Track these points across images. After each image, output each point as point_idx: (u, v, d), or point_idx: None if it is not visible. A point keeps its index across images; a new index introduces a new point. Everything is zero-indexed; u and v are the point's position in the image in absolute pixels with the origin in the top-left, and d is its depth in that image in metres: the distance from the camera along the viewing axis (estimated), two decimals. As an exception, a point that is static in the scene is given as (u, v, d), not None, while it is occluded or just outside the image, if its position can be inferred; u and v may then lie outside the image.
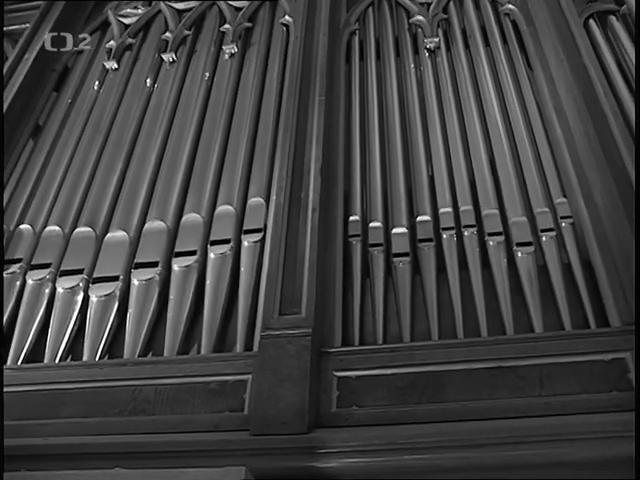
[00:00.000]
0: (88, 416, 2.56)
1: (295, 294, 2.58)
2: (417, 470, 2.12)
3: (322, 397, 2.39)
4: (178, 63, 4.05)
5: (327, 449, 2.16)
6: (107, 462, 2.17)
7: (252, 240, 2.92)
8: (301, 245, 2.72)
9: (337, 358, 2.47)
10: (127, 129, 3.72)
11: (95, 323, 2.86)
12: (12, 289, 3.09)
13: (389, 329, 2.65)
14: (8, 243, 3.31)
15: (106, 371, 2.66)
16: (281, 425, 2.26)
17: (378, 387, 2.39)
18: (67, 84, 4.22)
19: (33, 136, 3.99)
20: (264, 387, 2.36)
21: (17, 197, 3.57)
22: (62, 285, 3.01)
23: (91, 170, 3.56)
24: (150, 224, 3.13)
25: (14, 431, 2.55)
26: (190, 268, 2.89)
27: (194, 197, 3.21)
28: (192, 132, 3.56)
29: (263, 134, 3.41)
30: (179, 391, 2.53)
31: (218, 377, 2.52)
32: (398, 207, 2.97)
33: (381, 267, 2.77)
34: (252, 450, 2.20)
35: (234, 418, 2.41)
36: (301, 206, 2.85)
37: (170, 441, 2.33)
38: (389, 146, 3.27)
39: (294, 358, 2.39)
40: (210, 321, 2.74)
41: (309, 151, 3.05)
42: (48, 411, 2.61)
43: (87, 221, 3.27)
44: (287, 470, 2.15)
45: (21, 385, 2.71)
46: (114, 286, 2.93)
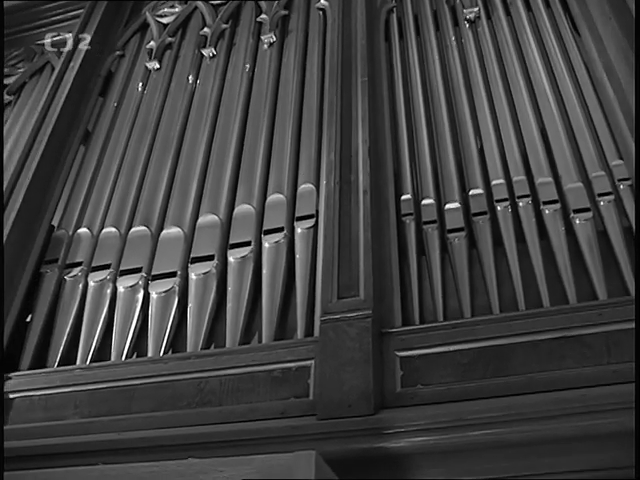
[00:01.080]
0: (157, 410, 2.61)
1: (352, 277, 2.57)
2: (486, 445, 2.10)
3: (386, 378, 2.38)
4: (218, 57, 4.07)
5: (394, 429, 2.15)
6: (179, 453, 2.20)
7: (305, 227, 2.92)
8: (355, 228, 2.71)
9: (398, 338, 2.46)
10: (174, 127, 3.76)
11: (157, 319, 2.91)
12: (75, 292, 3.18)
13: (449, 306, 2.62)
14: (68, 248, 3.39)
15: (171, 365, 2.71)
16: (347, 408, 2.26)
17: (441, 364, 2.37)
18: (112, 88, 4.28)
19: (83, 142, 4.06)
20: (327, 371, 2.37)
21: (73, 202, 3.65)
22: (123, 284, 3.07)
23: (142, 170, 3.62)
24: (203, 218, 3.17)
25: (88, 428, 2.64)
26: (246, 259, 2.92)
27: (244, 188, 3.23)
28: (237, 124, 3.58)
29: (308, 120, 3.40)
30: (243, 381, 2.56)
31: (281, 364, 2.54)
32: (449, 182, 2.92)
33: (436, 244, 2.74)
34: (320, 434, 2.22)
35: (300, 404, 2.42)
36: (352, 189, 2.84)
37: (238, 430, 2.37)
38: (435, 121, 3.22)
39: (355, 341, 2.39)
40: (269, 310, 2.76)
41: (356, 133, 3.02)
42: (119, 407, 2.68)
43: (142, 220, 3.33)
44: (356, 452, 2.16)
45: (91, 384, 2.79)
46: (173, 282, 2.98)
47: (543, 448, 2.06)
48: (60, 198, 3.73)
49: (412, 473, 2.14)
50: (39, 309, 3.19)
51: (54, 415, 2.76)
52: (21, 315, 3.27)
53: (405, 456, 2.14)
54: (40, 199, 3.65)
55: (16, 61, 4.98)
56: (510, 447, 2.08)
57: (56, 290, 3.23)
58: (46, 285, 3.26)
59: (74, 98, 4.13)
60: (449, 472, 2.12)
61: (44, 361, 3.02)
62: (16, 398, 2.86)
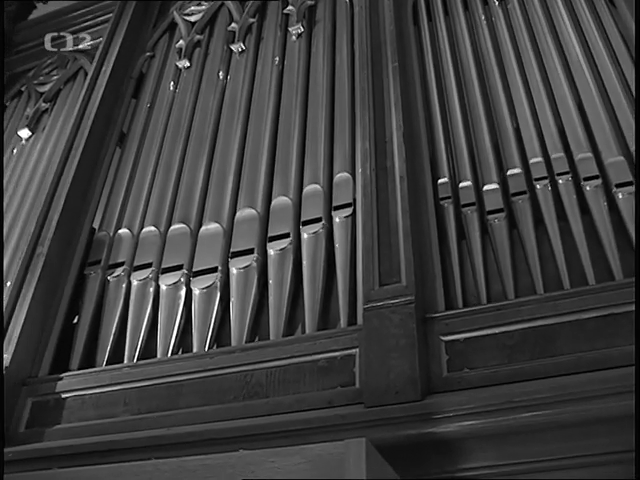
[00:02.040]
0: (205, 404, 2.64)
1: (393, 263, 2.56)
2: (536, 427, 2.07)
3: (432, 363, 2.37)
4: (247, 52, 4.08)
5: (443, 414, 2.14)
6: (228, 446, 2.22)
7: (343, 215, 2.92)
8: (393, 214, 2.69)
9: (442, 322, 2.44)
10: (207, 123, 3.78)
11: (200, 315, 2.94)
12: (119, 291, 3.23)
13: (492, 288, 2.60)
14: (110, 249, 3.45)
15: (217, 360, 2.74)
16: (394, 395, 2.26)
17: (487, 347, 2.34)
18: (144, 89, 4.32)
19: (119, 144, 4.12)
20: (373, 359, 2.37)
21: (112, 204, 3.70)
22: (165, 282, 3.11)
23: (178, 168, 3.66)
24: (241, 213, 3.19)
25: (138, 424, 2.68)
26: (285, 251, 2.93)
27: (281, 180, 3.24)
28: (270, 117, 3.58)
29: (340, 109, 3.39)
30: (289, 372, 2.57)
31: (326, 354, 2.54)
32: (486, 163, 2.88)
33: (476, 226, 2.71)
34: (368, 422, 2.22)
35: (346, 392, 2.42)
36: (388, 175, 2.82)
37: (286, 421, 2.37)
38: (469, 102, 3.18)
39: (399, 327, 2.38)
40: (311, 300, 2.77)
41: (389, 119, 3.00)
42: (167, 403, 2.72)
43: (181, 218, 3.36)
44: (405, 438, 2.15)
45: (139, 381, 2.83)
46: (214, 277, 3.00)
47: (594, 428, 2.03)
48: (99, 200, 3.79)
49: (462, 457, 2.12)
50: (85, 310, 3.25)
51: (105, 413, 2.80)
52: (68, 317, 3.34)
53: (455, 440, 2.13)
54: (80, 202, 3.71)
55: (50, 69, 5.06)
56: (561, 428, 2.06)
57: (100, 291, 3.29)
58: (90, 286, 3.32)
59: (108, 101, 4.19)
60: (500, 455, 2.10)
61: (93, 361, 3.07)
62: (68, 398, 2.92)
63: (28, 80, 5.10)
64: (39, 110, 4.75)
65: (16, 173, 4.39)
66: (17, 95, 5.10)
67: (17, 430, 2.89)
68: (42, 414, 2.92)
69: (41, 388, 3.01)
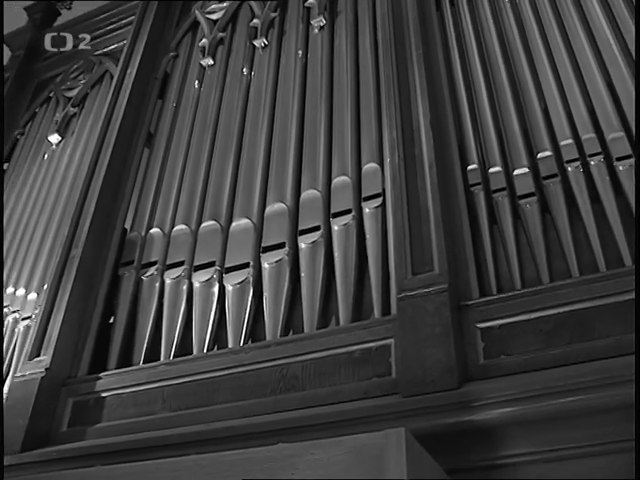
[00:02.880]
0: (242, 399, 2.65)
1: (425, 252, 2.55)
2: (576, 412, 2.04)
3: (468, 350, 2.35)
4: (270, 47, 4.08)
5: (481, 401, 2.12)
6: (267, 440, 2.21)
7: (373, 206, 2.91)
8: (423, 202, 2.67)
9: (477, 310, 2.42)
10: (233, 120, 3.79)
11: (234, 310, 2.96)
12: (153, 290, 3.26)
13: (526, 273, 2.56)
14: (142, 248, 3.48)
15: (252, 355, 2.75)
16: (431, 383, 2.24)
17: (524, 333, 2.31)
18: (169, 89, 4.35)
19: (147, 144, 4.15)
20: (408, 349, 2.36)
21: (143, 204, 3.74)
22: (198, 279, 3.13)
23: (206, 166, 3.67)
24: (271, 207, 3.19)
25: (177, 421, 2.70)
26: (316, 243, 2.93)
27: (309, 173, 3.24)
28: (296, 111, 3.58)
29: (366, 99, 3.37)
30: (325, 364, 2.57)
31: (360, 345, 2.54)
32: (515, 147, 2.84)
33: (508, 211, 2.68)
34: (405, 412, 2.21)
35: (382, 383, 2.42)
36: (417, 164, 2.80)
37: (323, 413, 2.38)
38: (496, 86, 3.12)
39: (434, 316, 2.37)
40: (344, 292, 2.76)
41: (416, 107, 2.98)
42: (204, 399, 2.74)
43: (211, 215, 3.38)
44: (444, 427, 2.14)
45: (176, 378, 2.86)
46: (246, 273, 3.02)
47: (636, 412, 1.99)
48: (130, 201, 3.83)
49: (503, 444, 2.10)
50: (120, 310, 3.29)
51: (144, 410, 2.84)
52: (104, 317, 3.39)
53: (494, 428, 2.11)
54: (111, 204, 3.75)
55: (77, 73, 5.13)
56: (601, 413, 2.02)
57: (134, 290, 3.32)
58: (125, 286, 3.36)
59: (134, 103, 4.22)
60: (540, 442, 2.07)
61: (130, 359, 3.11)
62: (107, 396, 2.95)
63: (56, 86, 5.17)
64: (68, 115, 4.82)
65: (48, 178, 4.46)
66: (46, 101, 5.18)
67: (59, 430, 2.94)
68: (83, 413, 2.97)
69: (81, 388, 3.05)
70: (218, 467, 1.87)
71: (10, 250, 4.17)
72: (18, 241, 4.18)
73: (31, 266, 3.92)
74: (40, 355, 3.14)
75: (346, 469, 1.71)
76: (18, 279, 3.90)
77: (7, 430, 2.91)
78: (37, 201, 4.36)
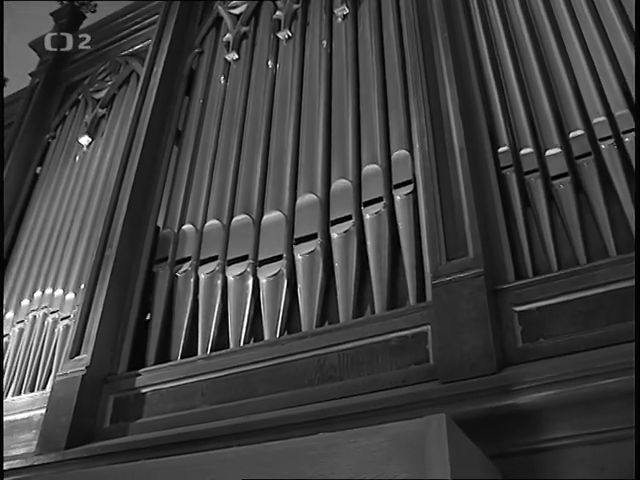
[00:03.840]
0: (280, 391, 2.66)
1: (459, 237, 2.53)
2: (618, 394, 2.00)
3: (505, 334, 2.32)
4: (294, 38, 4.07)
5: (521, 385, 2.09)
6: (307, 430, 2.23)
7: (404, 193, 2.90)
8: (455, 187, 2.65)
9: (514, 293, 2.39)
10: (260, 113, 3.80)
11: (269, 303, 2.97)
12: (188, 286, 3.29)
13: (562, 254, 2.52)
14: (175, 245, 3.51)
15: (288, 346, 2.76)
16: (470, 369, 2.23)
17: (562, 315, 2.28)
18: (195, 85, 4.38)
19: (176, 142, 4.18)
20: (445, 335, 2.35)
21: (174, 201, 3.77)
22: (232, 273, 3.15)
23: (235, 160, 3.69)
24: (302, 199, 3.20)
25: (216, 414, 2.72)
26: (349, 233, 2.92)
27: (338, 163, 3.23)
28: (323, 101, 3.57)
29: (393, 86, 3.35)
30: (361, 353, 2.57)
31: (397, 333, 2.53)
32: (547, 127, 2.79)
33: (541, 193, 2.64)
34: (444, 398, 2.19)
35: (420, 370, 2.41)
36: (447, 149, 2.77)
37: (362, 402, 2.37)
38: (524, 66, 3.06)
39: (470, 301, 2.35)
40: (378, 280, 2.76)
41: (443, 91, 2.95)
42: (243, 392, 2.75)
43: (242, 209, 3.40)
44: (484, 412, 2.12)
45: (214, 372, 2.88)
46: (280, 265, 3.03)
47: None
48: (161, 199, 3.86)
49: (544, 428, 2.08)
50: (156, 306, 3.32)
51: (184, 405, 2.87)
52: (141, 314, 3.43)
53: (535, 411, 2.08)
54: (143, 202, 3.79)
55: (104, 75, 5.18)
56: (641, 394, 1.99)
57: (170, 287, 3.35)
58: (160, 283, 3.39)
59: (162, 101, 4.26)
60: (582, 424, 2.04)
61: (167, 355, 3.14)
62: (147, 392, 2.99)
63: (84, 88, 5.23)
64: (97, 116, 4.88)
65: (80, 179, 4.51)
66: (75, 104, 5.24)
67: (102, 426, 2.99)
68: (124, 409, 3.01)
69: (121, 385, 3.09)
70: (260, 458, 1.88)
71: (47, 252, 4.24)
72: (54, 243, 4.25)
73: (68, 267, 3.97)
74: (80, 353, 3.19)
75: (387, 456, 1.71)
76: (56, 280, 3.96)
77: (52, 427, 2.97)
78: (70, 203, 4.41)
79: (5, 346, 3.89)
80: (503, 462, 2.05)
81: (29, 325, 3.84)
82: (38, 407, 3.27)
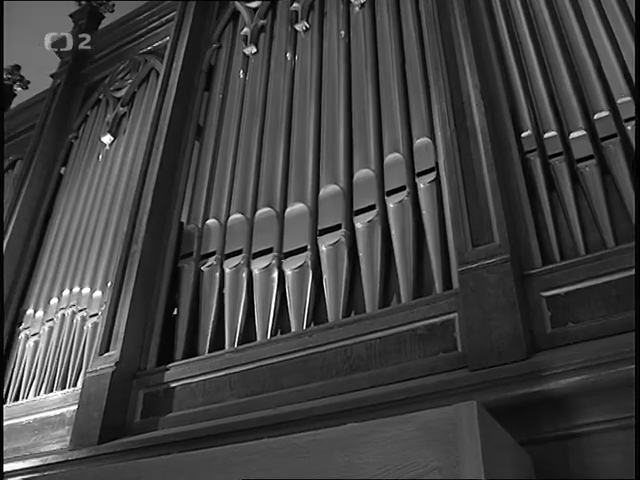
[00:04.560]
0: (308, 382, 2.67)
1: (484, 223, 2.51)
2: (650, 377, 1.98)
3: (534, 320, 2.30)
4: (312, 30, 4.06)
5: (551, 371, 2.07)
6: (337, 420, 2.23)
7: (427, 181, 2.88)
8: (479, 173, 2.63)
9: (541, 278, 2.37)
10: (280, 106, 3.80)
11: (295, 295, 2.97)
12: (213, 280, 3.30)
13: (589, 238, 2.49)
14: (200, 240, 3.53)
15: (315, 337, 2.76)
16: (499, 355, 2.21)
17: (591, 299, 2.25)
18: (215, 80, 4.38)
19: (197, 137, 4.19)
20: (473, 322, 2.33)
21: (197, 196, 3.79)
22: (257, 266, 3.16)
23: (257, 153, 3.69)
24: (325, 190, 3.19)
25: (245, 407, 2.74)
26: (373, 223, 2.92)
27: (360, 153, 3.22)
28: (342, 91, 3.56)
29: (413, 73, 3.32)
30: (389, 343, 2.57)
31: (424, 322, 2.52)
32: (570, 110, 2.74)
33: (566, 176, 2.60)
34: (474, 386, 2.18)
35: (449, 358, 2.40)
36: (469, 135, 2.75)
37: (390, 391, 2.36)
38: (545, 48, 3.01)
39: (497, 287, 2.33)
40: (404, 269, 2.75)
41: (464, 77, 2.91)
42: (271, 384, 2.76)
43: (265, 202, 3.40)
44: (514, 398, 2.10)
45: (242, 365, 2.89)
46: (305, 256, 3.03)
47: None
48: (185, 194, 3.88)
49: (576, 413, 2.06)
50: (183, 301, 3.34)
51: (213, 398, 2.88)
52: (168, 310, 3.45)
53: (566, 397, 2.06)
54: (167, 198, 3.81)
55: (124, 74, 5.21)
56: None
57: (195, 281, 3.37)
58: (185, 278, 3.41)
59: (182, 97, 4.27)
60: (615, 409, 2.02)
61: (195, 349, 3.16)
62: (176, 387, 3.02)
63: (105, 87, 5.27)
64: (118, 115, 4.90)
65: (104, 178, 4.55)
66: (96, 103, 5.29)
67: (133, 421, 3.02)
68: (154, 404, 3.04)
69: (150, 380, 3.12)
70: (291, 450, 1.88)
71: (73, 251, 4.28)
72: (80, 242, 4.29)
73: (94, 265, 4.01)
74: (109, 350, 3.22)
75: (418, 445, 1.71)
76: (83, 278, 4.00)
77: (84, 423, 3.01)
78: (95, 201, 4.45)
79: (35, 345, 3.94)
80: (535, 448, 2.03)
81: (58, 323, 3.88)
82: (70, 404, 3.31)
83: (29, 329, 4.07)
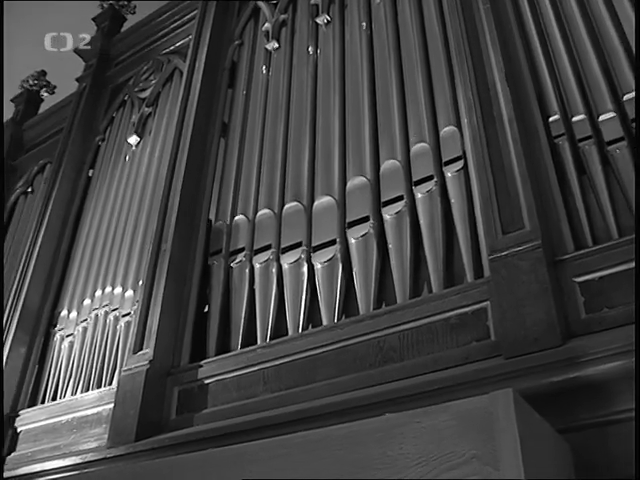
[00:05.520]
0: (342, 375, 2.67)
1: (514, 210, 2.48)
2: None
3: (568, 306, 2.27)
4: (333, 23, 4.04)
5: (588, 357, 2.05)
6: (371, 412, 2.22)
7: (454, 170, 2.86)
8: (507, 160, 2.60)
9: (574, 263, 2.34)
10: (304, 99, 3.79)
11: (325, 288, 2.97)
12: (243, 276, 3.31)
13: (621, 221, 2.43)
14: (229, 237, 3.54)
15: (347, 330, 2.75)
16: (534, 342, 2.19)
17: (625, 283, 2.21)
18: (238, 77, 4.39)
19: (222, 134, 4.21)
20: (506, 309, 2.31)
21: (224, 193, 3.80)
22: (286, 261, 3.16)
23: (282, 148, 3.69)
24: (351, 182, 3.18)
25: (279, 401, 2.74)
26: (401, 213, 2.90)
27: (386, 144, 3.21)
28: (366, 83, 3.54)
29: (436, 61, 3.29)
30: (421, 333, 2.55)
31: (456, 311, 2.51)
32: (598, 92, 2.69)
33: (596, 159, 2.55)
34: (509, 374, 2.16)
35: (482, 347, 2.38)
36: (496, 122, 2.71)
37: (425, 381, 2.36)
38: (570, 29, 2.94)
39: (529, 274, 2.30)
40: (434, 259, 2.73)
41: (489, 64, 2.88)
42: (305, 378, 2.76)
43: (293, 196, 3.41)
44: (550, 385, 2.08)
45: (275, 360, 2.90)
46: (334, 249, 3.03)
47: None
48: (212, 192, 3.90)
49: (614, 400, 2.03)
50: (214, 298, 3.36)
51: (247, 393, 2.90)
52: (199, 307, 3.48)
53: (603, 383, 2.04)
54: (194, 196, 3.83)
55: (148, 74, 5.24)
56: None
57: (225, 278, 3.39)
58: (215, 275, 3.43)
59: (206, 95, 4.28)
60: (656, 394, 1.99)
61: (227, 345, 3.18)
62: (210, 383, 3.04)
63: (129, 89, 5.31)
64: (143, 115, 4.94)
65: (131, 178, 4.58)
66: (122, 105, 5.32)
67: (169, 418, 3.05)
68: (189, 401, 3.06)
69: (184, 377, 3.14)
70: (328, 442, 1.88)
71: (104, 252, 4.33)
72: (110, 242, 4.33)
73: (125, 265, 4.05)
74: (143, 348, 3.25)
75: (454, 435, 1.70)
76: (115, 278, 4.04)
77: (121, 421, 3.04)
78: (124, 202, 4.49)
79: (71, 345, 3.99)
80: (573, 436, 2.00)
81: (92, 323, 3.93)
82: (106, 402, 3.35)
83: (64, 330, 4.12)
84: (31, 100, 6.61)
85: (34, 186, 5.71)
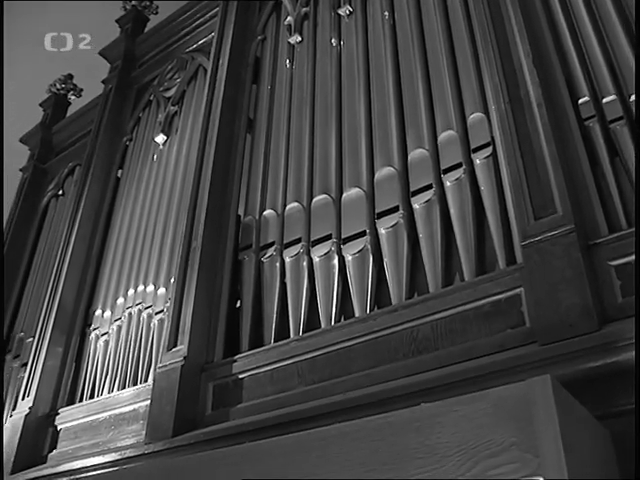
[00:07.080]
0: (376, 366, 2.66)
1: (545, 195, 2.44)
2: None
3: (603, 290, 2.23)
4: (355, 14, 4.02)
5: (626, 341, 2.00)
6: (407, 402, 2.21)
7: (483, 156, 2.83)
8: (536, 144, 2.56)
9: (608, 247, 2.29)
10: (329, 92, 3.78)
11: (357, 280, 2.96)
12: (274, 270, 3.32)
13: (656, 202, 2.40)
14: (258, 231, 3.55)
15: (380, 321, 2.75)
16: (569, 328, 2.16)
17: (663, 265, 2.18)
18: (262, 73, 4.39)
19: (249, 130, 4.22)
20: (540, 295, 2.28)
21: (252, 189, 3.81)
22: (317, 254, 3.16)
23: (309, 141, 3.69)
24: (379, 173, 3.17)
25: (314, 394, 2.74)
26: (430, 202, 2.88)
27: (413, 133, 3.18)
28: (390, 73, 3.51)
29: (461, 48, 3.25)
30: (454, 322, 2.54)
31: (489, 298, 2.49)
32: (629, 71, 2.61)
33: (628, 140, 2.48)
34: (546, 360, 2.13)
35: (517, 334, 2.36)
36: (524, 106, 2.67)
37: (460, 370, 2.34)
38: (598, 7, 2.87)
39: (563, 258, 2.27)
40: (465, 247, 2.71)
41: (515, 48, 2.83)
42: (339, 370, 2.77)
43: (321, 189, 3.40)
44: (588, 371, 2.04)
45: (308, 352, 2.91)
46: (364, 241, 3.02)
47: None
48: (240, 187, 3.91)
49: (655, 384, 1.99)
50: (245, 293, 3.38)
51: (281, 387, 2.91)
52: (231, 302, 3.49)
53: (642, 367, 2.00)
54: (222, 192, 3.85)
55: (172, 73, 5.27)
56: None
57: (256, 273, 3.40)
58: (247, 270, 3.44)
59: (230, 92, 4.30)
60: (695, 378, 1.95)
61: (260, 340, 3.19)
62: (244, 377, 3.05)
63: (154, 88, 5.34)
64: (169, 114, 4.97)
65: (160, 177, 4.62)
66: (148, 105, 5.37)
67: (205, 413, 3.07)
68: (224, 396, 3.08)
69: (219, 372, 3.17)
70: (364, 433, 1.87)
71: (135, 251, 4.37)
72: (141, 241, 4.37)
73: (156, 263, 4.09)
74: (177, 345, 3.28)
75: (492, 423, 1.68)
76: (147, 276, 4.08)
77: (158, 417, 3.07)
78: (153, 201, 4.53)
79: (106, 344, 4.04)
80: (612, 422, 1.97)
81: (126, 322, 3.98)
82: (143, 399, 3.39)
83: (99, 329, 4.18)
84: (59, 104, 6.70)
85: (65, 189, 5.79)
